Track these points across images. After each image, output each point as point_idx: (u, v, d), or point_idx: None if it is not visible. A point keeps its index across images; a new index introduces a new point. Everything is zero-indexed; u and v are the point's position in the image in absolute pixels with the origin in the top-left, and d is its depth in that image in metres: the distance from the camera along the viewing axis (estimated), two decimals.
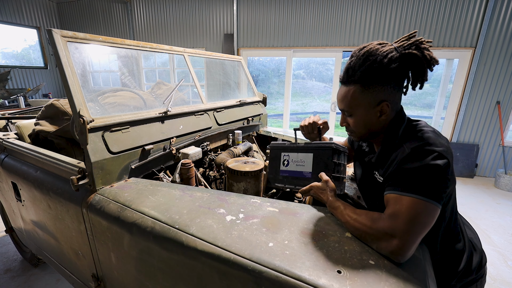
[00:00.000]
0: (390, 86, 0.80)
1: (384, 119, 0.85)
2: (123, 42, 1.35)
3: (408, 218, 0.67)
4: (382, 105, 0.82)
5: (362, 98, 0.82)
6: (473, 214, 3.17)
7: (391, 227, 0.69)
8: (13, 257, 2.29)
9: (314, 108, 12.60)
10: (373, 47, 0.80)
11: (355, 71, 0.80)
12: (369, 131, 0.88)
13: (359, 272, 0.65)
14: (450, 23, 4.05)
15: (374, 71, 0.78)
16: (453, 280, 0.88)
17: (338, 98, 0.88)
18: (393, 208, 0.71)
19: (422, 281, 0.63)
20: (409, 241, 0.67)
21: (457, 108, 4.32)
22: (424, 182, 0.70)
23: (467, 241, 0.92)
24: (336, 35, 4.70)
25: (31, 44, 6.64)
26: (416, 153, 0.73)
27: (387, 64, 0.77)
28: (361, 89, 0.81)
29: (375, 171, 0.92)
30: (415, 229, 0.67)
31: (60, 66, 1.03)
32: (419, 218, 0.67)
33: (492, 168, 4.36)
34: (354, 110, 0.85)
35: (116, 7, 6.27)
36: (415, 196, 0.69)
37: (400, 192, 0.72)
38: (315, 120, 1.15)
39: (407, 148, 0.76)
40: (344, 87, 0.85)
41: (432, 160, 0.70)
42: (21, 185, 1.50)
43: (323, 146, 1.02)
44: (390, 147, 0.84)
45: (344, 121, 0.92)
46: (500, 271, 2.23)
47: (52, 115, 1.75)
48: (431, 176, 0.70)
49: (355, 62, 0.81)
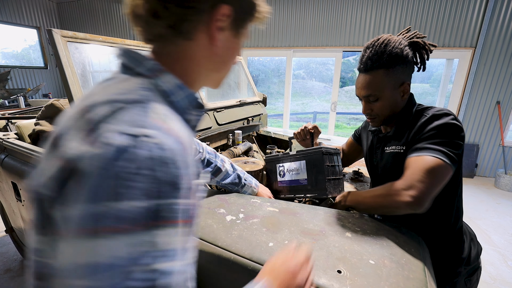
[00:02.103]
0: (407, 67, 0.91)
1: (405, 99, 0.95)
2: (123, 42, 1.35)
3: (423, 172, 0.75)
4: (404, 85, 0.92)
5: (388, 80, 0.90)
6: (473, 214, 3.17)
7: (406, 182, 0.76)
8: (13, 257, 2.29)
9: (314, 108, 12.60)
10: (387, 37, 0.91)
11: (380, 57, 0.88)
12: (392, 113, 0.95)
13: (359, 272, 0.65)
14: (450, 23, 4.05)
15: (395, 55, 0.87)
16: (459, 267, 0.93)
17: (362, 86, 0.93)
18: (411, 168, 0.79)
19: (422, 281, 0.63)
20: (425, 192, 0.73)
21: (457, 108, 4.32)
22: (442, 141, 0.79)
23: (467, 231, 0.99)
24: (336, 35, 4.69)
25: (31, 44, 6.64)
26: (436, 115, 0.84)
27: (402, 48, 0.88)
28: (386, 72, 0.89)
29: (386, 147, 0.98)
30: (429, 182, 0.74)
31: (60, 66, 1.03)
32: (433, 173, 0.75)
33: (492, 168, 4.36)
34: (381, 93, 0.91)
35: (116, 7, 6.27)
36: (431, 155, 0.77)
37: (419, 153, 0.80)
38: (306, 126, 1.23)
39: (426, 114, 0.87)
40: (367, 75, 0.91)
41: (450, 120, 0.81)
42: (21, 185, 1.50)
43: (313, 152, 1.03)
44: (405, 123, 0.93)
45: (368, 108, 0.96)
46: (500, 271, 2.23)
47: (52, 115, 1.75)
48: (448, 134, 0.79)
49: (377, 50, 0.89)
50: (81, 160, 0.29)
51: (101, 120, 0.32)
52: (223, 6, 0.42)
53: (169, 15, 0.40)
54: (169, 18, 0.40)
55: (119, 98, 0.35)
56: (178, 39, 0.43)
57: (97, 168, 0.28)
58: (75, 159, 0.30)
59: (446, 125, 0.80)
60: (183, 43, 0.43)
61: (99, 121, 0.32)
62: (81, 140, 0.31)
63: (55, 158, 0.32)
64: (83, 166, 0.29)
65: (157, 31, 0.42)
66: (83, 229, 0.28)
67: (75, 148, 0.30)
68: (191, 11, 0.41)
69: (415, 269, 0.67)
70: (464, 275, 0.95)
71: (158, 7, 0.39)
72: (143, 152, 0.30)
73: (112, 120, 0.32)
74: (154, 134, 0.32)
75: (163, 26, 0.41)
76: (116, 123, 0.31)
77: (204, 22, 0.42)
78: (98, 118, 0.32)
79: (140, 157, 0.29)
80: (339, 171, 1.07)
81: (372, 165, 1.07)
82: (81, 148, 0.30)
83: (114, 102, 0.34)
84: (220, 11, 0.42)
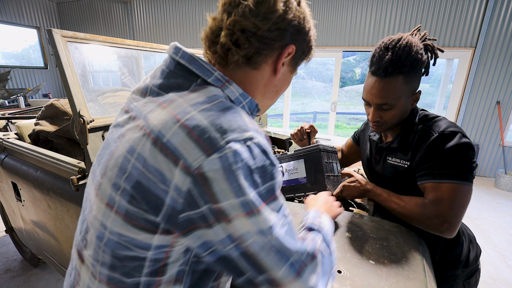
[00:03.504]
0: (421, 74, 0.86)
1: (413, 107, 0.91)
2: (123, 42, 1.35)
3: (452, 203, 0.77)
4: (416, 94, 0.88)
5: (405, 88, 0.83)
6: (473, 214, 3.17)
7: (439, 213, 0.78)
8: (13, 257, 2.29)
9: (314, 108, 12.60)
10: (409, 38, 0.82)
11: (402, 62, 0.80)
12: (400, 121, 0.91)
13: (359, 272, 0.65)
14: (450, 23, 4.05)
15: (417, 61, 0.81)
16: (457, 269, 0.93)
17: (378, 93, 0.84)
18: (435, 196, 0.80)
19: (422, 281, 0.63)
20: (457, 222, 0.78)
21: (457, 108, 4.32)
22: (457, 164, 0.78)
23: (466, 233, 0.98)
24: (336, 35, 4.69)
25: (31, 44, 6.64)
26: (444, 135, 0.81)
27: (423, 54, 0.83)
28: (405, 79, 0.82)
29: (388, 157, 0.96)
30: (459, 211, 0.78)
31: (60, 66, 1.03)
32: (460, 200, 0.78)
33: (492, 168, 4.36)
34: (397, 102, 0.84)
35: (116, 7, 6.27)
36: (452, 181, 0.78)
37: (438, 180, 0.80)
38: (303, 126, 1.22)
39: (433, 132, 0.83)
40: (385, 80, 0.82)
41: (460, 139, 0.79)
42: (21, 185, 1.50)
43: (311, 150, 1.03)
44: (410, 131, 0.90)
45: (377, 116, 0.88)
46: (500, 271, 2.23)
47: (52, 115, 1.75)
48: (462, 156, 0.78)
49: (400, 53, 0.80)
50: (209, 166, 0.38)
51: (209, 129, 0.39)
52: (291, 46, 0.50)
53: (248, 47, 0.47)
54: (247, 49, 0.48)
55: (210, 107, 0.42)
56: (246, 67, 0.51)
57: (229, 170, 0.38)
58: (203, 167, 0.38)
59: (461, 147, 0.78)
60: (249, 71, 0.51)
61: (208, 130, 0.39)
62: (201, 151, 0.38)
63: (175, 169, 0.39)
64: (211, 171, 0.38)
65: (234, 59, 0.49)
66: (242, 212, 0.39)
67: (199, 159, 0.38)
68: (267, 46, 0.48)
69: (415, 269, 0.67)
70: (463, 277, 0.95)
71: (242, 39, 0.47)
72: (254, 150, 0.41)
73: (219, 126, 0.40)
74: (254, 135, 0.42)
75: (240, 55, 0.48)
76: (227, 131, 0.40)
77: (272, 57, 0.51)
78: (204, 127, 0.40)
79: (254, 154, 0.41)
80: (337, 169, 1.07)
81: (373, 173, 1.06)
82: (206, 159, 0.38)
83: (208, 111, 0.42)
84: (288, 49, 0.50)
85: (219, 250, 0.42)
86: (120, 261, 0.44)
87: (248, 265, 0.42)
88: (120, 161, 0.43)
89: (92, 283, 0.48)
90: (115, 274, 0.45)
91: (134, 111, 0.48)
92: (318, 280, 0.45)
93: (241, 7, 0.46)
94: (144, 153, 0.41)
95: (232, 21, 0.46)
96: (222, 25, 0.48)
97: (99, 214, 0.46)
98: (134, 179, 0.41)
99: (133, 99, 0.52)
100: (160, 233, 0.42)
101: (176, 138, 0.39)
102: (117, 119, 0.53)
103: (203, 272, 0.50)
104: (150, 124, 0.42)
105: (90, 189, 0.51)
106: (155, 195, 0.40)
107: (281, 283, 0.42)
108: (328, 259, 0.50)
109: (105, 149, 0.50)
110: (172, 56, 0.50)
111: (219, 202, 0.39)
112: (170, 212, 0.40)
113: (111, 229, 0.44)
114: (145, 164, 0.41)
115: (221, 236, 0.40)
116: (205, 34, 0.51)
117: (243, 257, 0.41)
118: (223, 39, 0.47)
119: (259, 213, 0.40)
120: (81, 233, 0.51)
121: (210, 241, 0.41)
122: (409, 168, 0.89)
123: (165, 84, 0.49)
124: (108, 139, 0.51)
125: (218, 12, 0.50)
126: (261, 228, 0.40)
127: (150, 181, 0.40)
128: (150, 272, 0.45)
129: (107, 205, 0.44)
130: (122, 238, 0.43)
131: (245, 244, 0.40)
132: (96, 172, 0.50)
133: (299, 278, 0.43)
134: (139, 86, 0.54)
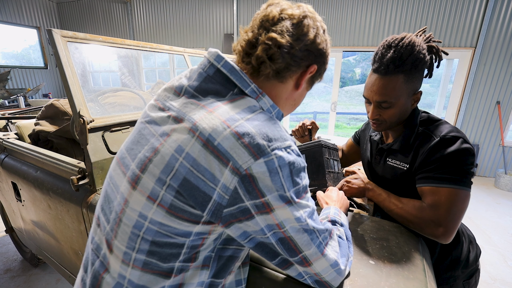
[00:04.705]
0: (423, 75, 0.86)
1: (414, 107, 0.91)
2: (123, 42, 1.35)
3: (449, 208, 0.77)
4: (417, 94, 0.88)
5: (405, 87, 0.83)
6: (473, 214, 3.17)
7: (435, 217, 0.77)
8: (13, 257, 2.29)
9: (314, 108, 12.60)
10: (412, 37, 0.82)
11: (403, 61, 0.80)
12: (400, 120, 0.90)
13: (359, 272, 0.65)
14: (450, 23, 4.05)
15: (419, 61, 0.81)
16: (457, 270, 0.92)
17: (378, 90, 0.84)
18: (433, 199, 0.79)
19: (422, 281, 0.63)
20: (453, 227, 0.77)
21: (457, 108, 4.32)
22: (457, 169, 0.78)
23: (466, 233, 0.97)
24: (336, 35, 4.69)
25: (31, 44, 6.64)
26: (445, 140, 0.80)
27: (425, 54, 0.83)
28: (406, 78, 0.82)
29: (389, 158, 0.95)
30: (456, 216, 0.77)
31: (60, 66, 1.03)
32: (457, 205, 0.77)
33: (492, 168, 4.36)
34: (396, 100, 0.84)
35: (116, 7, 6.27)
36: (451, 186, 0.77)
37: (436, 184, 0.79)
38: (304, 123, 1.21)
39: (435, 136, 0.83)
40: (386, 78, 0.82)
41: (461, 144, 0.79)
42: (21, 185, 1.50)
43: (312, 145, 1.04)
44: (411, 133, 0.90)
45: (377, 114, 0.88)
46: (500, 271, 2.23)
47: (52, 115, 1.75)
48: (462, 161, 0.78)
49: (401, 52, 0.80)
50: (257, 168, 0.45)
51: (257, 137, 0.45)
52: (314, 66, 0.57)
53: (280, 62, 0.53)
54: (279, 64, 0.53)
55: (254, 116, 0.49)
56: (274, 80, 0.56)
57: (274, 172, 0.45)
58: (251, 168, 0.44)
59: (461, 152, 0.78)
60: (276, 83, 0.57)
61: (256, 138, 0.45)
62: (250, 155, 0.44)
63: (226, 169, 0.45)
64: (258, 173, 0.45)
65: (266, 71, 0.54)
66: (282, 204, 0.47)
67: (248, 162, 0.44)
68: (295, 63, 0.55)
69: (415, 269, 0.67)
70: (462, 278, 0.95)
71: (277, 54, 0.52)
72: (292, 157, 0.48)
73: (265, 135, 0.46)
74: (291, 144, 0.49)
75: (272, 69, 0.54)
76: (272, 139, 0.46)
77: (297, 73, 0.57)
78: (253, 135, 0.45)
79: (292, 160, 0.48)
80: (338, 166, 1.07)
81: (373, 173, 1.06)
82: (254, 162, 0.44)
83: (254, 120, 0.48)
84: (311, 68, 0.57)
85: (258, 237, 0.49)
86: (159, 247, 0.49)
87: (284, 248, 0.50)
88: (167, 159, 0.47)
89: (124, 270, 0.51)
90: (153, 259, 0.49)
91: (174, 111, 0.51)
92: (338, 257, 0.56)
93: (279, 26, 0.52)
94: (193, 153, 0.45)
95: (270, 37, 0.52)
96: (258, 38, 0.53)
97: (138, 206, 0.49)
98: (181, 176, 0.46)
99: (167, 97, 0.56)
100: (202, 224, 0.48)
101: (227, 142, 0.45)
102: (150, 114, 0.55)
103: (228, 258, 0.56)
104: (198, 126, 0.46)
105: (120, 181, 0.54)
106: (203, 192, 0.45)
107: (310, 260, 0.52)
108: (345, 243, 0.61)
109: (139, 144, 0.53)
110: (213, 63, 0.54)
111: (263, 196, 0.46)
112: (215, 207, 0.46)
113: (152, 219, 0.48)
114: (194, 163, 0.45)
115: (262, 225, 0.48)
116: (240, 45, 0.56)
117: (280, 242, 0.50)
118: (260, 52, 0.52)
119: (297, 204, 0.49)
120: (109, 223, 0.54)
121: (249, 231, 0.49)
122: (408, 171, 0.88)
123: (202, 88, 0.53)
124: (143, 134, 0.53)
125: (252, 26, 0.55)
126: (297, 216, 0.49)
127: (199, 179, 0.45)
128: (185, 259, 0.50)
129: (149, 198, 0.48)
130: (163, 228, 0.48)
131: (283, 229, 0.49)
132: (130, 165, 0.52)
133: (324, 256, 0.53)
134: (172, 84, 0.57)
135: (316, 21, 0.55)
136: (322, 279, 0.55)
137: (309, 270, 0.53)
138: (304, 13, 0.54)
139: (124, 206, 0.51)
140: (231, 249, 0.56)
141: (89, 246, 0.59)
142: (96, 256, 0.56)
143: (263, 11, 0.55)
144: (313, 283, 0.56)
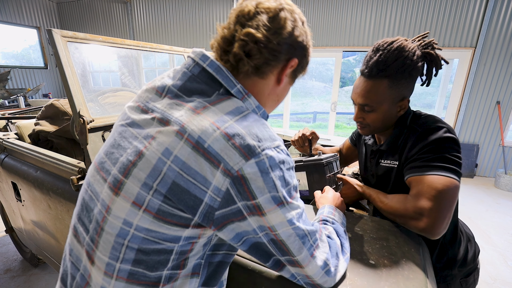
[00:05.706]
0: (413, 82, 0.83)
1: (401, 114, 0.88)
2: (123, 42, 1.35)
3: (432, 196, 0.70)
4: (404, 101, 0.84)
5: (389, 93, 0.81)
6: (473, 214, 3.17)
7: (418, 207, 0.72)
8: (13, 257, 2.29)
9: (314, 108, 12.60)
10: (403, 42, 0.80)
11: (388, 66, 0.78)
12: (384, 126, 0.89)
13: (359, 272, 0.65)
14: (450, 23, 4.05)
15: (406, 67, 0.78)
16: (453, 269, 0.91)
17: (360, 93, 0.84)
18: (416, 189, 0.74)
19: (422, 281, 0.63)
20: (438, 219, 0.69)
21: (457, 108, 4.32)
22: (439, 156, 0.74)
23: (464, 232, 0.96)
24: (336, 35, 4.69)
25: (31, 44, 6.64)
26: (428, 129, 0.79)
27: (416, 61, 0.79)
28: (390, 84, 0.80)
29: (381, 160, 0.94)
30: (441, 206, 0.70)
31: (60, 66, 1.03)
32: (442, 194, 0.70)
33: (492, 168, 4.36)
34: (379, 105, 0.83)
35: (116, 7, 6.27)
36: (433, 173, 0.73)
37: (419, 173, 0.75)
38: (304, 133, 1.17)
39: (419, 128, 0.81)
40: (369, 82, 0.81)
41: (444, 133, 0.76)
42: (21, 185, 1.50)
43: (313, 163, 1.00)
44: (400, 135, 0.88)
45: (360, 116, 0.88)
46: (500, 271, 2.23)
47: (52, 115, 1.75)
48: (445, 148, 0.74)
49: (387, 56, 0.78)
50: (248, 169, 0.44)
51: (247, 137, 0.45)
52: (294, 59, 0.55)
53: (259, 58, 0.51)
54: (258, 60, 0.52)
55: (242, 117, 0.48)
56: (255, 76, 0.55)
57: (265, 172, 0.45)
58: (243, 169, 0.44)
59: (444, 139, 0.75)
60: (256, 80, 0.55)
61: (246, 139, 0.45)
62: (241, 156, 0.44)
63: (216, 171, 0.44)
64: (249, 173, 0.44)
65: (244, 69, 0.53)
66: (274, 206, 0.47)
67: (240, 163, 0.44)
68: (275, 58, 0.53)
69: (415, 269, 0.67)
70: (460, 276, 0.94)
71: (254, 49, 0.51)
72: (282, 156, 0.48)
73: (255, 136, 0.46)
74: (280, 143, 0.49)
75: (251, 66, 0.52)
76: (262, 140, 0.46)
77: (277, 68, 0.55)
78: (243, 135, 0.45)
79: (282, 159, 0.48)
80: (337, 166, 1.07)
81: (369, 176, 1.05)
82: (246, 163, 0.44)
83: (243, 121, 0.47)
84: (292, 62, 0.55)
85: (251, 239, 0.49)
86: (146, 255, 0.47)
87: (276, 247, 0.50)
88: (154, 163, 0.45)
89: (107, 283, 0.48)
90: (139, 269, 0.47)
91: (159, 113, 0.49)
92: (328, 258, 0.56)
93: (255, 21, 0.50)
94: (183, 156, 0.44)
95: (246, 32, 0.50)
96: (234, 35, 0.51)
97: (121, 213, 0.46)
98: (170, 180, 0.44)
99: (149, 98, 0.53)
100: (192, 227, 0.46)
101: (217, 144, 0.44)
102: (131, 116, 0.52)
103: (218, 264, 0.55)
104: (186, 128, 0.45)
105: (100, 188, 0.50)
106: (194, 195, 0.44)
107: (302, 264, 0.52)
108: (334, 242, 0.60)
109: (120, 147, 0.50)
110: (198, 62, 0.52)
111: (254, 198, 0.45)
112: (207, 210, 0.45)
113: (138, 226, 0.46)
114: (184, 167, 0.44)
115: (254, 226, 0.47)
116: (217, 43, 0.54)
117: (272, 242, 0.49)
118: (237, 49, 0.51)
119: (289, 205, 0.49)
120: (89, 233, 0.51)
121: (242, 232, 0.48)
122: (398, 168, 0.87)
123: (186, 87, 0.51)
124: (125, 137, 0.50)
125: (229, 23, 0.53)
126: (289, 218, 0.48)
127: (189, 182, 0.44)
128: (173, 266, 0.48)
129: (134, 204, 0.45)
130: (150, 234, 0.46)
131: (275, 232, 0.48)
132: (111, 170, 0.49)
133: (313, 259, 0.53)
134: (154, 84, 0.55)
135: (294, 13, 0.53)
136: (314, 282, 0.55)
137: (301, 272, 0.53)
138: (280, 6, 0.52)
139: (106, 214, 0.48)
140: (221, 254, 0.55)
141: (67, 258, 0.56)
142: (77, 269, 0.53)
143: (238, 6, 0.53)
144: (306, 284, 0.56)
